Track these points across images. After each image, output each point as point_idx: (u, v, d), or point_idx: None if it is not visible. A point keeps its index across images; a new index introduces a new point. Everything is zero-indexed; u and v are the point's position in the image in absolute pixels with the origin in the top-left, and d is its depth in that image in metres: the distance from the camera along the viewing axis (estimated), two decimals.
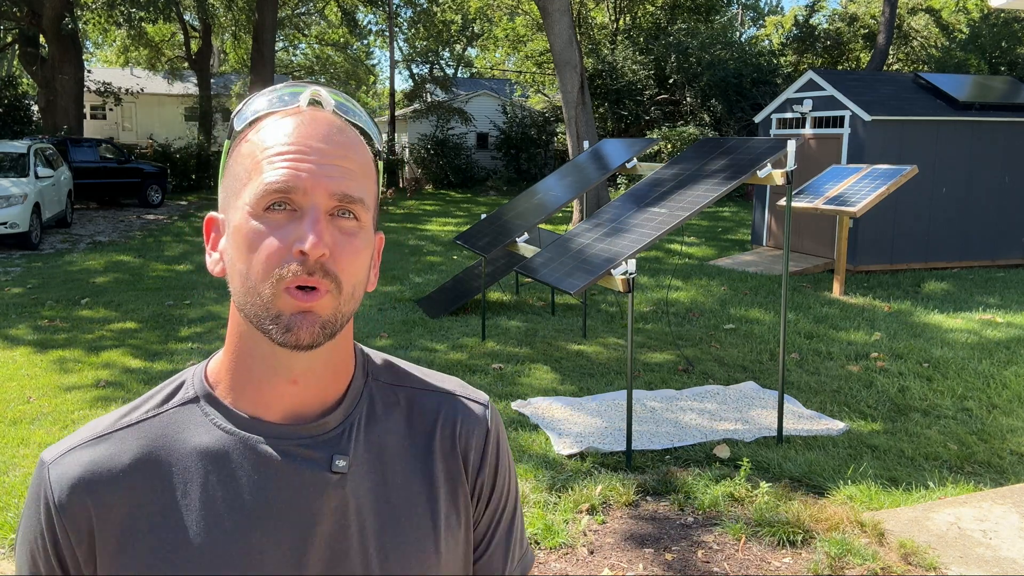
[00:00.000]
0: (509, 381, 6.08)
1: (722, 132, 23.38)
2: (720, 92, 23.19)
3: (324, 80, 37.07)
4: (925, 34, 28.98)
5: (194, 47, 27.99)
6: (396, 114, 28.91)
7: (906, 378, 6.21)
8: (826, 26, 29.22)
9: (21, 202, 12.08)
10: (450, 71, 38.78)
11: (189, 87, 31.43)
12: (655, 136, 22.25)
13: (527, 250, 6.25)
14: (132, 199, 18.77)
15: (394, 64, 29.48)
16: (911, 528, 3.76)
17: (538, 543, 3.69)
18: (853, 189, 9.33)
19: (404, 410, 0.92)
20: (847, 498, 4.11)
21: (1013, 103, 11.54)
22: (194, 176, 23.18)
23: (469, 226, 14.75)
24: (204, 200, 20.79)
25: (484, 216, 7.68)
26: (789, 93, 12.30)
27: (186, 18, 27.50)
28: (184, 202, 20.35)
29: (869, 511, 3.96)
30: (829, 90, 11.39)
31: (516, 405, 5.53)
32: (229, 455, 0.83)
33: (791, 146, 4.59)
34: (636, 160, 6.74)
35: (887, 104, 11.06)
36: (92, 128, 28.68)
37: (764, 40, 34.68)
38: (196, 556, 0.80)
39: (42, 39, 20.95)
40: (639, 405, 5.49)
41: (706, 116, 23.37)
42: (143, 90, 29.73)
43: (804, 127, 11.93)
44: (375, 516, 0.86)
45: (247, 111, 0.84)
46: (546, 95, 29.28)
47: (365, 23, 37.41)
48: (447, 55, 38.52)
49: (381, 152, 0.89)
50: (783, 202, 7.97)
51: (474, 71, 42.30)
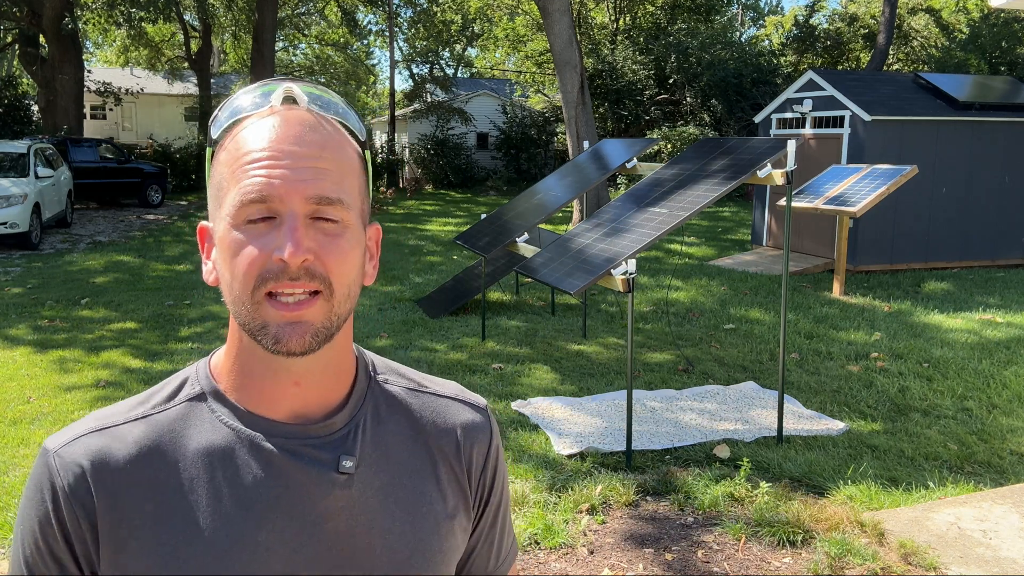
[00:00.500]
0: (509, 381, 6.08)
1: (722, 132, 23.38)
2: (720, 92, 23.19)
3: (324, 80, 37.08)
4: (925, 34, 28.98)
5: (194, 47, 28.00)
6: (396, 114, 28.90)
7: (906, 378, 6.21)
8: (826, 26, 29.23)
9: (21, 202, 12.08)
10: (450, 71, 38.78)
11: (189, 87, 31.43)
12: (655, 136, 22.25)
13: (527, 250, 6.25)
14: (132, 199, 18.78)
15: (394, 64, 29.49)
16: (911, 528, 3.76)
17: (538, 543, 3.69)
18: (853, 189, 9.33)
19: (407, 412, 0.93)
20: (847, 498, 4.10)
21: (1013, 103, 11.54)
22: (194, 176, 23.18)
23: (469, 226, 14.75)
24: (204, 200, 20.71)
25: (484, 216, 7.68)
26: (789, 93, 12.30)
27: (186, 18, 27.50)
28: (184, 202, 20.36)
29: (869, 511, 3.96)
30: (829, 90, 11.39)
31: (516, 405, 5.53)
32: (236, 453, 0.83)
33: (791, 146, 4.59)
34: (636, 160, 6.74)
35: (887, 104, 11.06)
36: (92, 128, 28.69)
37: (764, 40, 34.69)
38: (204, 552, 0.80)
39: (42, 39, 20.96)
40: (639, 405, 5.49)
41: (706, 116, 23.37)
42: (143, 90, 29.74)
43: (804, 127, 11.93)
44: (383, 515, 0.86)
45: (222, 117, 0.84)
46: (546, 95, 29.28)
47: (365, 23, 37.43)
48: (447, 55, 38.53)
49: (365, 140, 0.88)
50: (783, 202, 7.97)
51: (474, 71, 42.30)
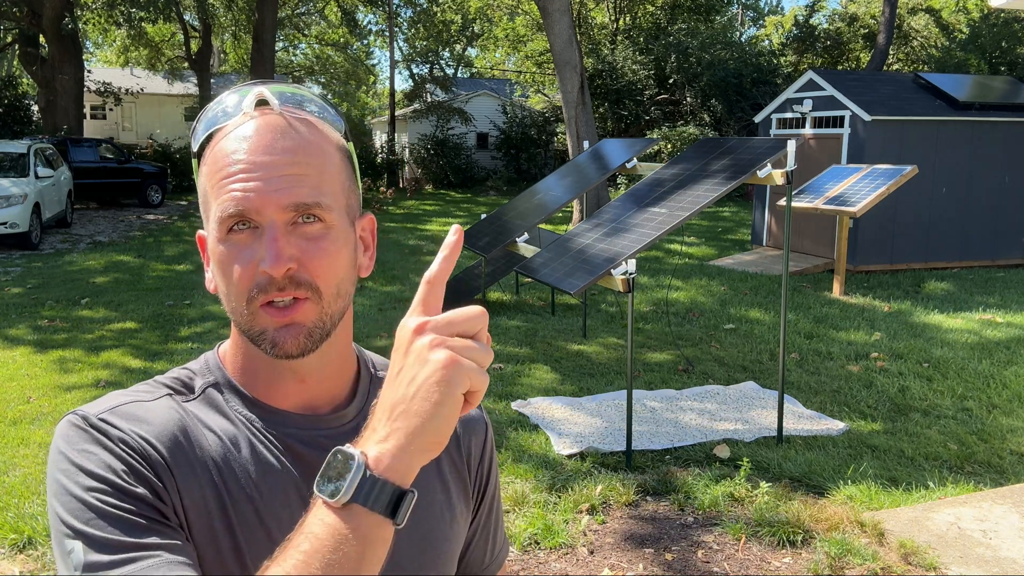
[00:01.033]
0: (509, 381, 6.08)
1: (722, 132, 23.38)
2: (720, 92, 23.19)
3: (324, 80, 37.10)
4: (925, 34, 28.99)
5: (194, 47, 28.00)
6: (396, 114, 28.91)
7: (906, 378, 6.21)
8: (826, 26, 29.24)
9: (21, 202, 12.08)
10: (450, 71, 38.77)
11: (189, 87, 31.42)
12: (655, 136, 22.25)
13: (527, 250, 6.25)
14: (132, 199, 18.77)
15: (394, 64, 29.50)
16: (911, 528, 3.76)
17: (538, 543, 3.69)
18: (853, 189, 9.33)
19: None
20: (847, 498, 4.10)
21: (1013, 103, 11.54)
22: (194, 176, 23.15)
23: (469, 226, 14.75)
24: None
25: (484, 216, 7.67)
26: (789, 93, 12.29)
27: (186, 18, 27.50)
28: (184, 202, 20.35)
29: (869, 511, 3.96)
30: (829, 90, 11.38)
31: (516, 405, 5.53)
32: (255, 439, 0.84)
33: (791, 146, 4.59)
34: (636, 160, 6.74)
35: (887, 104, 11.06)
36: (92, 128, 28.67)
37: (764, 40, 34.69)
38: (250, 516, 0.80)
39: (42, 39, 20.96)
40: (639, 405, 5.49)
41: (706, 116, 23.36)
42: (143, 90, 29.72)
43: (804, 127, 11.93)
44: None
45: (199, 129, 0.84)
46: (546, 95, 29.28)
47: (365, 23, 37.41)
48: (447, 55, 38.53)
49: (346, 132, 0.88)
50: (783, 202, 7.95)
51: (474, 71, 42.29)
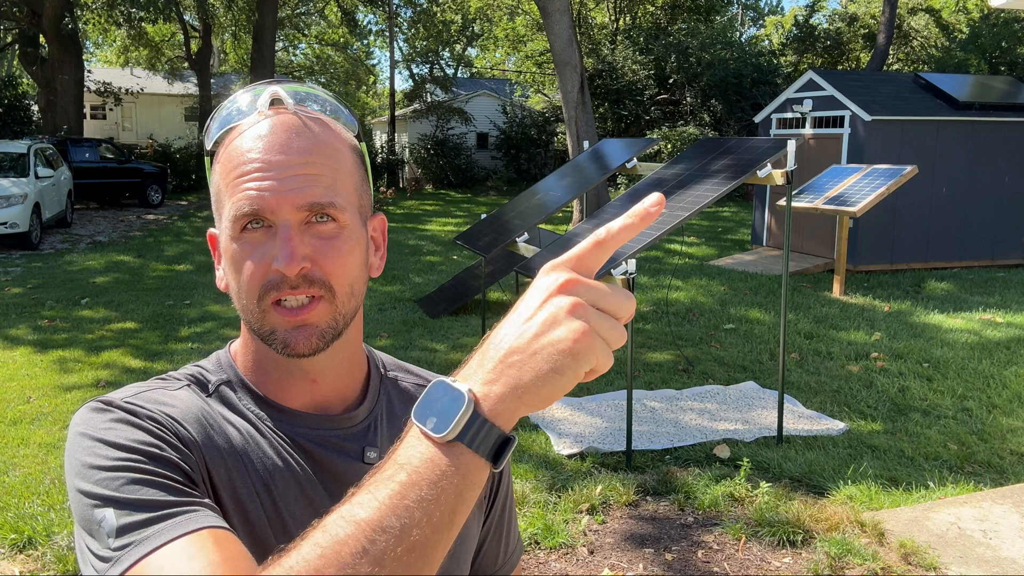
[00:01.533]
0: None
1: (722, 132, 23.38)
2: (720, 92, 23.19)
3: (324, 80, 37.08)
4: (925, 34, 28.99)
5: (194, 47, 27.99)
6: (396, 114, 28.90)
7: (906, 378, 6.20)
8: (826, 26, 29.24)
9: (21, 202, 12.07)
10: (450, 71, 38.75)
11: (189, 87, 31.41)
12: (655, 136, 22.25)
13: (527, 250, 6.25)
14: (132, 199, 18.78)
15: (394, 64, 29.50)
16: (911, 528, 3.76)
17: (538, 543, 3.69)
18: (853, 189, 9.33)
19: None
20: (847, 498, 4.10)
21: (1013, 103, 11.54)
22: (194, 176, 23.17)
23: (469, 226, 14.74)
24: (204, 200, 20.76)
25: (484, 216, 7.67)
26: (789, 93, 12.29)
27: (186, 18, 27.49)
28: (184, 202, 20.35)
29: (869, 511, 3.96)
30: (829, 90, 11.38)
31: None
32: (268, 436, 0.84)
33: (791, 146, 4.59)
34: (636, 160, 6.74)
35: (887, 104, 11.06)
36: (92, 128, 28.66)
37: (764, 40, 34.70)
38: (268, 508, 0.80)
39: (42, 39, 20.96)
40: (639, 405, 5.49)
41: (706, 116, 23.36)
42: (143, 90, 29.72)
43: (804, 127, 11.93)
44: None
45: (213, 128, 0.84)
46: (546, 95, 29.27)
47: (365, 23, 37.42)
48: (447, 55, 38.50)
49: (359, 133, 0.88)
50: (783, 202, 7.95)
51: (474, 71, 42.28)
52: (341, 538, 0.58)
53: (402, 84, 63.27)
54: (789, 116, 12.11)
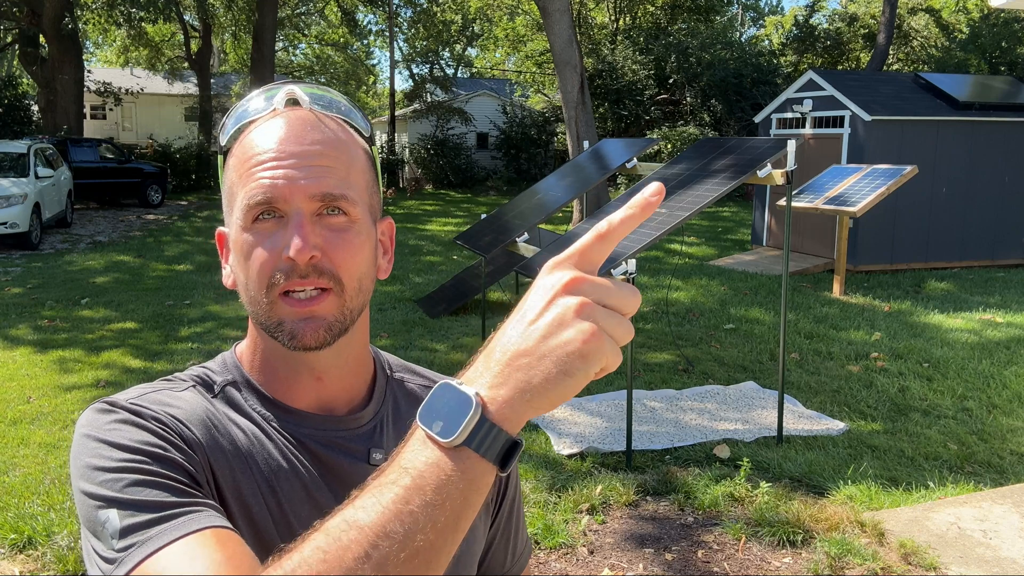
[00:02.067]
0: None
1: (722, 132, 23.38)
2: (720, 92, 23.19)
3: (324, 80, 37.08)
4: (925, 34, 28.99)
5: (194, 47, 27.99)
6: (396, 114, 28.90)
7: (906, 378, 6.21)
8: (826, 26, 29.24)
9: (21, 202, 12.07)
10: (450, 71, 38.76)
11: (189, 87, 31.41)
12: (655, 136, 22.25)
13: (527, 250, 6.25)
14: (132, 199, 18.77)
15: (394, 64, 29.50)
16: (911, 528, 3.76)
17: (538, 543, 3.69)
18: (853, 189, 9.33)
19: None
20: (847, 498, 4.10)
21: (1013, 103, 11.54)
22: (194, 176, 23.17)
23: (469, 226, 14.74)
24: (204, 200, 20.78)
25: (484, 216, 7.67)
26: (789, 93, 12.29)
27: (186, 18, 27.49)
28: (184, 202, 20.35)
29: (869, 511, 3.96)
30: (829, 90, 11.38)
31: None
32: (274, 437, 0.83)
33: (791, 146, 4.59)
34: (636, 160, 6.74)
35: (887, 104, 11.06)
36: (92, 128, 28.66)
37: (764, 40, 34.70)
38: (274, 510, 0.80)
39: (42, 39, 20.95)
40: (639, 405, 5.49)
41: (706, 116, 23.37)
42: (143, 90, 29.72)
43: (804, 127, 11.93)
44: None
45: (229, 124, 0.85)
46: (546, 95, 29.27)
47: (365, 23, 37.43)
48: (447, 55, 38.51)
49: (371, 137, 0.89)
50: (783, 202, 7.94)
51: (474, 71, 42.29)
52: (344, 542, 0.58)
53: (402, 84, 63.28)
54: (789, 116, 12.11)
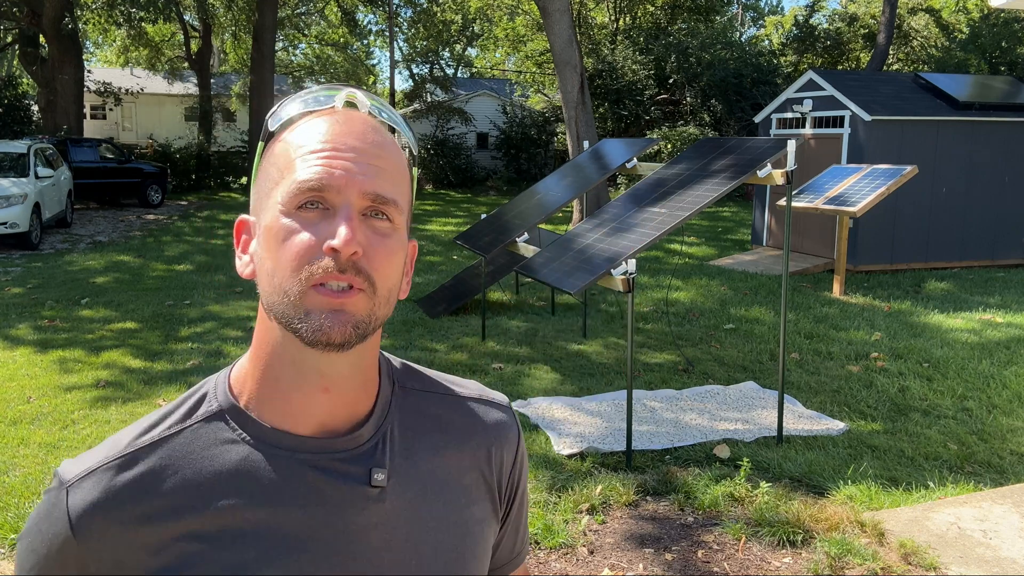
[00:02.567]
0: (509, 381, 6.08)
1: (722, 132, 23.38)
2: (720, 92, 23.19)
3: (324, 80, 37.07)
4: (925, 34, 28.99)
5: (194, 47, 27.99)
6: None
7: (906, 378, 6.21)
8: (826, 26, 29.24)
9: (21, 202, 12.07)
10: (450, 71, 38.76)
11: (189, 87, 31.44)
12: (655, 136, 22.25)
13: (527, 250, 6.25)
14: (132, 199, 18.77)
15: (394, 64, 29.49)
16: (911, 528, 3.76)
17: (538, 543, 3.69)
18: (853, 189, 9.33)
19: (433, 419, 0.91)
20: (847, 498, 4.11)
21: (1013, 103, 11.54)
22: (194, 176, 23.18)
23: (469, 226, 14.74)
24: (204, 200, 20.78)
25: (484, 216, 7.67)
26: (789, 93, 12.30)
27: (186, 18, 27.49)
28: (184, 202, 20.35)
29: (869, 511, 3.96)
30: (829, 90, 11.38)
31: (516, 405, 5.53)
32: (261, 474, 0.79)
33: (791, 146, 4.59)
34: (636, 160, 6.74)
35: (887, 104, 11.06)
36: (92, 128, 28.68)
37: (764, 40, 34.70)
38: (249, 555, 0.77)
39: (42, 39, 20.96)
40: (639, 405, 5.49)
41: (706, 116, 23.37)
42: (143, 90, 29.74)
43: (804, 127, 11.93)
44: (418, 528, 0.84)
45: (282, 112, 0.83)
46: (546, 95, 29.27)
47: (365, 23, 37.44)
48: (447, 55, 38.51)
49: (415, 157, 0.87)
50: (783, 202, 7.97)
51: (474, 71, 42.29)
52: None
53: (402, 84, 63.33)
54: (789, 116, 12.11)
